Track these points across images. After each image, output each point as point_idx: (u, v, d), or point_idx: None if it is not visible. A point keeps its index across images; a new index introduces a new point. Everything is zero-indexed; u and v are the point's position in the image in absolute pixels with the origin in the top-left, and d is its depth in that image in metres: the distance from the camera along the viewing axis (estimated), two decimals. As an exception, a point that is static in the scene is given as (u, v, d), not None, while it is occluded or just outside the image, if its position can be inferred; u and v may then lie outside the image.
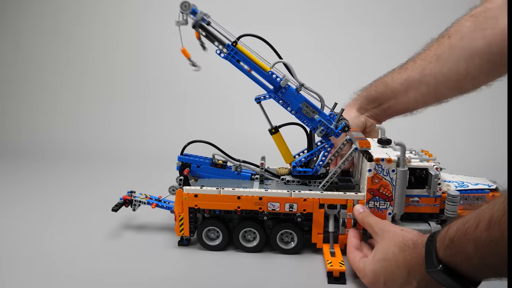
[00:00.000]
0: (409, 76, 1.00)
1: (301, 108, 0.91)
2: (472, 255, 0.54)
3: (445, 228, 0.61)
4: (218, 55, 0.88)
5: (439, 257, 0.59)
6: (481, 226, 0.53)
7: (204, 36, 0.87)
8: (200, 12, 0.85)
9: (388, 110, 1.05)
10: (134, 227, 1.06)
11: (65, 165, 1.61)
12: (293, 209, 0.89)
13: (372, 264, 0.74)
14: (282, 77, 0.88)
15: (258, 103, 0.93)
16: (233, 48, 0.87)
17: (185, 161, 0.98)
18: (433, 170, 0.85)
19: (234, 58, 0.88)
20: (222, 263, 0.89)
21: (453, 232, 0.57)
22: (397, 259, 0.69)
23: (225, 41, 0.87)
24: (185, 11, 0.84)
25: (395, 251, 0.69)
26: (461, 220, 0.57)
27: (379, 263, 0.72)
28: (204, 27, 0.86)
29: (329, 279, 0.82)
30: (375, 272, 0.73)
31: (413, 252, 0.66)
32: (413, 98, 1.00)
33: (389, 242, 0.72)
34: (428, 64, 0.97)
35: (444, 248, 0.59)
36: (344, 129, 0.90)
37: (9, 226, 1.07)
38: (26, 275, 0.85)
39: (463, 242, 0.55)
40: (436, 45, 0.97)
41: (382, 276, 0.71)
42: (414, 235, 0.70)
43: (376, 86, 1.05)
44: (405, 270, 0.67)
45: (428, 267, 0.61)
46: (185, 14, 0.85)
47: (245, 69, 0.89)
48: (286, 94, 0.90)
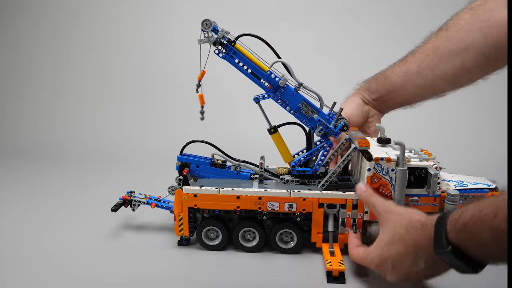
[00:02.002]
0: (408, 69, 1.00)
1: (300, 108, 0.91)
2: (487, 242, 0.56)
3: (457, 212, 0.61)
4: (216, 55, 0.88)
5: (449, 239, 0.60)
6: (500, 216, 0.53)
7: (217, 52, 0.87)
8: (222, 30, 0.85)
9: (388, 102, 1.05)
10: (133, 227, 1.06)
11: (65, 165, 1.61)
12: (293, 209, 0.89)
13: (379, 248, 0.73)
14: (280, 77, 0.88)
15: (257, 103, 0.92)
16: (231, 48, 0.87)
17: (185, 161, 0.98)
18: (433, 170, 0.85)
19: (233, 58, 0.88)
20: (222, 263, 0.89)
21: (467, 218, 0.58)
22: (404, 241, 0.68)
23: (224, 42, 0.87)
24: (207, 29, 0.85)
25: (401, 233, 0.69)
26: (476, 207, 0.57)
27: (386, 246, 0.71)
28: (224, 44, 0.86)
29: (328, 278, 0.82)
30: (382, 256, 0.72)
31: (421, 233, 0.66)
32: (411, 91, 1.01)
33: (394, 224, 0.71)
34: (426, 57, 0.98)
35: (456, 231, 0.59)
36: (343, 128, 0.90)
37: (9, 226, 1.07)
38: (25, 275, 0.85)
39: (479, 229, 0.56)
40: (434, 38, 0.98)
41: (390, 259, 0.70)
42: (421, 216, 0.69)
43: (377, 78, 1.06)
44: (413, 251, 0.67)
45: (437, 248, 0.61)
46: (206, 32, 0.85)
47: (243, 69, 0.89)
48: (284, 94, 0.90)
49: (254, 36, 0.88)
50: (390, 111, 1.08)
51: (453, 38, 0.93)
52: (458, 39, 0.92)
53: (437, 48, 0.96)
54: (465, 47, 0.91)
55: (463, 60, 0.92)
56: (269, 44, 0.90)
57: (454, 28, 0.94)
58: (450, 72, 0.94)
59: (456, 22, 0.94)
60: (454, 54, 0.93)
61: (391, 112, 1.10)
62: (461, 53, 0.92)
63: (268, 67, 0.89)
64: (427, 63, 0.97)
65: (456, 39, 0.92)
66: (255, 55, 0.89)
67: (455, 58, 0.93)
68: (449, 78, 0.95)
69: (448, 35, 0.95)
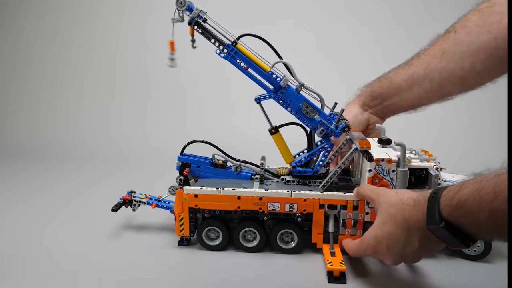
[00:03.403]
0: (414, 72, 0.99)
1: (301, 108, 0.91)
2: (484, 222, 0.55)
3: (453, 187, 0.60)
4: (218, 55, 0.88)
5: (443, 215, 0.60)
6: (500, 198, 0.53)
7: (200, 33, 0.87)
8: (196, 9, 0.85)
9: (392, 107, 1.04)
10: (134, 227, 1.06)
11: (65, 165, 1.61)
12: (293, 209, 0.89)
13: (373, 230, 0.73)
14: (282, 77, 0.88)
15: (258, 103, 0.92)
16: (233, 48, 0.87)
17: (185, 161, 0.98)
18: (433, 170, 0.85)
19: (234, 58, 0.88)
20: (222, 263, 0.89)
21: (465, 195, 0.58)
22: (395, 219, 0.68)
23: (224, 41, 0.87)
24: (181, 8, 0.84)
25: (392, 212, 0.69)
26: (475, 185, 0.57)
27: (379, 227, 0.72)
28: (200, 24, 0.86)
29: (329, 278, 0.82)
30: (377, 237, 0.72)
31: (413, 210, 0.66)
32: (417, 95, 0.99)
33: (385, 206, 0.72)
34: (433, 60, 0.96)
35: (451, 208, 0.59)
36: (344, 129, 0.90)
37: (9, 226, 1.07)
38: (26, 275, 0.84)
39: (476, 209, 0.56)
40: (441, 40, 0.97)
41: (385, 240, 0.70)
42: (413, 194, 0.69)
43: (381, 82, 1.04)
44: (405, 229, 0.67)
45: (429, 223, 0.61)
46: (181, 11, 0.85)
47: (245, 69, 0.89)
48: (286, 94, 0.90)
49: (255, 36, 0.88)
50: (392, 116, 1.07)
51: (462, 41, 0.92)
52: (468, 41, 0.91)
53: (445, 51, 0.95)
54: (475, 50, 0.90)
55: (473, 62, 0.90)
56: (270, 44, 0.90)
57: (463, 31, 0.92)
58: (459, 74, 0.93)
59: (464, 24, 0.93)
60: (464, 57, 0.92)
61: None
62: (471, 56, 0.90)
63: (269, 67, 0.89)
64: (435, 65, 0.95)
65: (466, 41, 0.91)
66: (257, 55, 0.89)
67: (464, 60, 0.91)
68: (457, 81, 0.94)
69: (456, 38, 0.93)
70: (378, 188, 0.80)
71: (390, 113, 1.06)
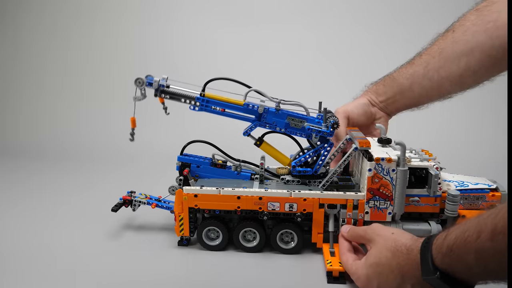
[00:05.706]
0: (414, 71, 1.00)
1: (288, 124, 0.92)
2: (473, 264, 0.55)
3: (441, 234, 0.60)
4: (192, 110, 0.90)
5: (436, 264, 0.59)
6: (483, 236, 0.53)
7: (169, 98, 0.91)
8: (155, 81, 0.87)
9: (396, 104, 1.05)
10: (134, 227, 1.06)
11: (65, 165, 1.61)
12: (293, 209, 0.89)
13: (365, 268, 0.73)
14: (258, 104, 0.90)
15: (248, 136, 0.94)
16: (203, 98, 0.90)
17: (185, 161, 0.98)
18: (433, 170, 0.85)
19: (208, 106, 0.91)
20: (222, 263, 0.89)
21: (452, 240, 0.57)
22: (390, 264, 0.68)
23: (193, 95, 0.90)
24: (141, 86, 0.88)
25: (388, 256, 0.69)
26: (460, 228, 0.57)
27: (372, 267, 0.72)
28: (166, 91, 0.90)
29: (328, 279, 0.82)
30: (368, 276, 0.72)
31: (407, 258, 0.66)
32: (418, 93, 1.01)
33: (381, 247, 0.72)
34: (432, 59, 0.97)
35: (442, 255, 0.59)
36: (333, 126, 0.90)
37: (9, 226, 1.07)
38: (25, 275, 0.84)
39: (463, 251, 0.55)
40: (441, 39, 0.98)
41: (376, 280, 0.71)
42: (407, 239, 0.69)
43: (385, 81, 1.06)
44: (399, 275, 0.67)
45: (425, 275, 0.61)
46: (142, 88, 0.87)
47: (222, 112, 0.92)
48: (268, 117, 0.92)
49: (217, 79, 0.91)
50: (398, 113, 1.08)
51: (459, 40, 0.93)
52: (464, 40, 0.92)
53: (443, 50, 0.96)
54: (471, 49, 0.91)
55: (468, 61, 0.91)
56: (235, 80, 0.91)
57: (460, 30, 0.94)
58: (456, 73, 0.94)
59: (462, 23, 0.94)
60: (460, 56, 0.92)
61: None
62: (466, 55, 0.91)
63: (242, 100, 0.90)
64: (433, 64, 0.97)
65: (462, 40, 0.92)
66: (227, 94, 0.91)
67: (460, 59, 0.92)
68: (454, 80, 0.95)
69: (454, 37, 0.94)
70: (371, 226, 0.79)
71: (395, 111, 1.08)
